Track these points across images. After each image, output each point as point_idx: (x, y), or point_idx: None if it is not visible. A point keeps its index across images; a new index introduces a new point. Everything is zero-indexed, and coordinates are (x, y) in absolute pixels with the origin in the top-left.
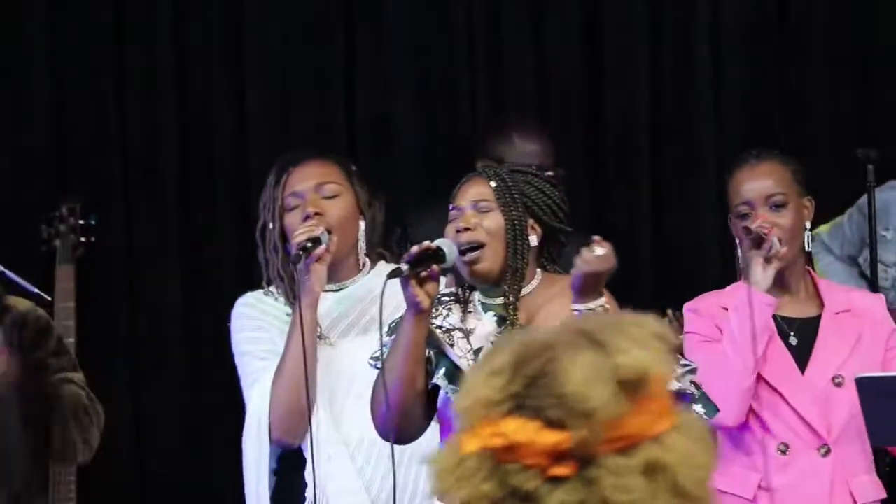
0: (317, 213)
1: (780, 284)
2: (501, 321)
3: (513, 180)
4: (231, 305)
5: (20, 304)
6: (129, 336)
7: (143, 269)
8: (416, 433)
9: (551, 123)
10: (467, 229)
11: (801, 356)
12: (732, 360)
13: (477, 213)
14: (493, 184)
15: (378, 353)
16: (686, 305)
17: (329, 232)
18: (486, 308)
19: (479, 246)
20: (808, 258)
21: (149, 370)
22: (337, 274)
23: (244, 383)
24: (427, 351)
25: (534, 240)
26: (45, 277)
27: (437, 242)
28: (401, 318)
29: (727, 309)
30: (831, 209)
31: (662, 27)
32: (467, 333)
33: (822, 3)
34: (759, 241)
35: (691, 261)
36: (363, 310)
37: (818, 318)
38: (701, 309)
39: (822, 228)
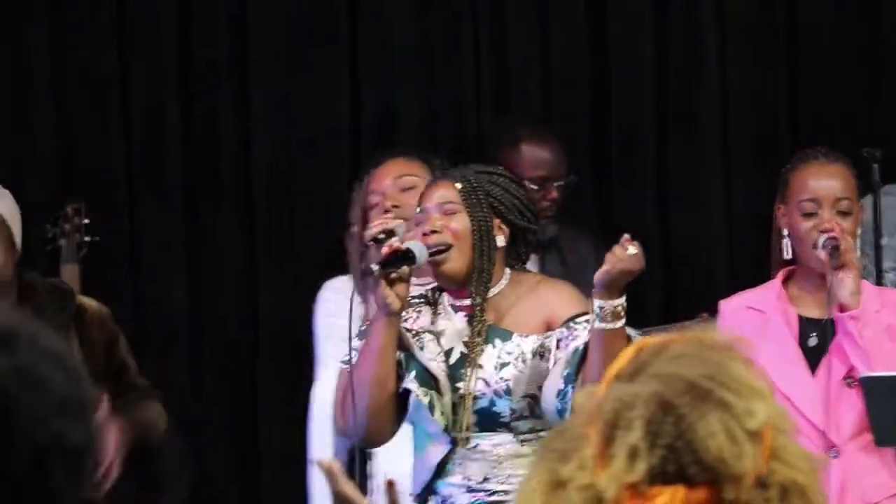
0: (394, 206)
1: (819, 286)
2: (471, 320)
3: (478, 181)
4: (235, 304)
5: (91, 302)
6: (135, 334)
7: (147, 267)
8: (386, 436)
9: (556, 123)
10: (434, 232)
11: (817, 358)
12: None
13: (443, 216)
14: (458, 185)
15: (348, 357)
16: (720, 302)
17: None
18: (455, 309)
19: (447, 248)
20: None
21: (154, 369)
22: (417, 273)
23: (316, 368)
24: (398, 354)
25: (501, 240)
26: (50, 276)
27: (408, 244)
28: (369, 321)
29: (754, 309)
30: None
31: (668, 26)
32: (437, 335)
33: (829, 1)
34: (841, 264)
35: (699, 260)
36: None
37: None
38: (726, 312)
39: None
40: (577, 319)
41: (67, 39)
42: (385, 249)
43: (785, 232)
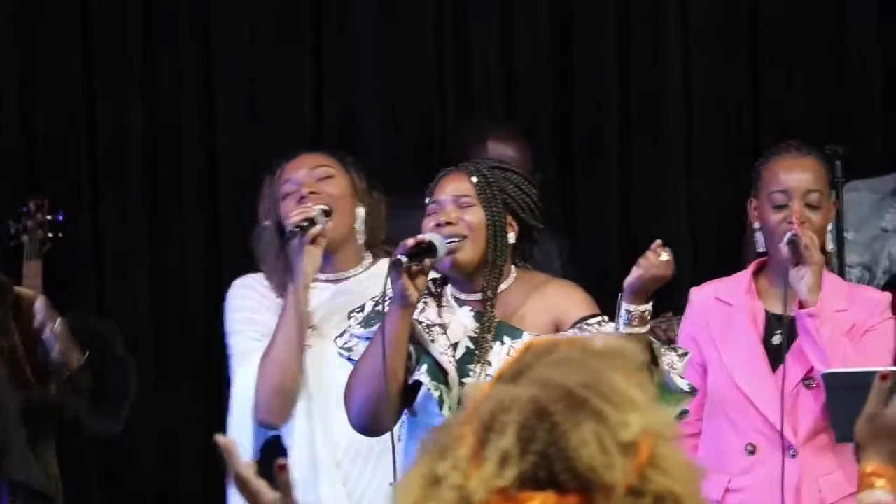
0: (312, 192)
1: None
2: (479, 316)
3: (493, 176)
4: (198, 303)
5: (26, 291)
6: None
7: (110, 265)
8: (389, 426)
9: (519, 122)
10: (449, 223)
11: (780, 356)
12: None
13: (458, 208)
14: (474, 179)
15: (350, 344)
16: (692, 290)
17: (327, 215)
18: (460, 303)
19: (461, 238)
20: (827, 259)
21: None
22: (335, 263)
23: (233, 362)
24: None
25: (512, 237)
26: (12, 273)
27: (427, 236)
28: (375, 310)
29: (723, 301)
30: None
31: (632, 25)
32: (445, 328)
33: (793, 1)
34: (801, 260)
35: None
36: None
37: None
38: (696, 302)
39: None
40: (589, 321)
41: (34, 39)
42: (411, 241)
43: (756, 225)
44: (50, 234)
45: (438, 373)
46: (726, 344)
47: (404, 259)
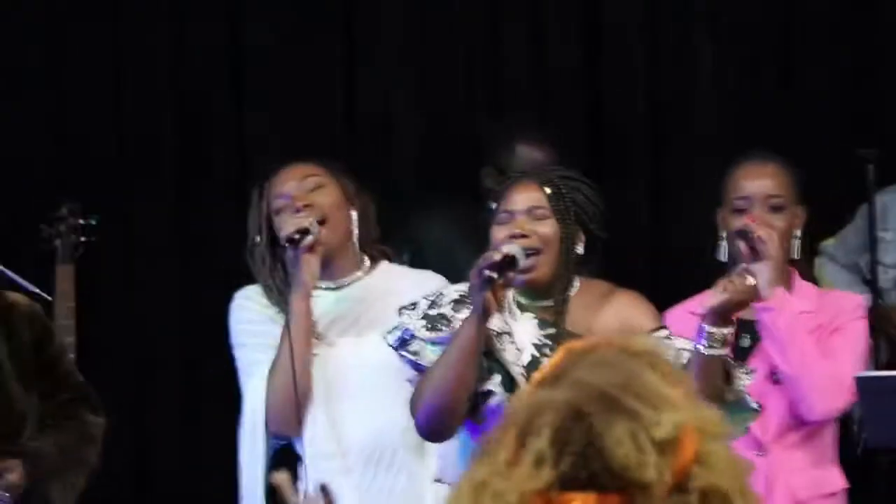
0: (306, 206)
1: None
2: (543, 324)
3: (566, 188)
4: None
5: (21, 299)
6: (129, 335)
7: (142, 269)
8: (453, 433)
9: (549, 126)
10: (524, 236)
11: (749, 358)
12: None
13: (531, 220)
14: (548, 191)
15: (415, 348)
16: (665, 312)
17: (321, 224)
18: (523, 309)
19: (536, 252)
20: (803, 266)
21: (148, 370)
22: (334, 270)
23: (242, 375)
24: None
25: (580, 248)
26: (44, 277)
27: (510, 249)
28: (440, 314)
29: (693, 313)
30: (833, 210)
31: (660, 23)
32: (511, 337)
33: (825, 1)
34: (755, 249)
35: (689, 263)
36: (364, 310)
37: None
38: (668, 320)
39: (829, 241)
40: (658, 334)
41: (61, 37)
42: (498, 256)
43: (723, 234)
44: (83, 239)
45: (510, 383)
46: None
47: (496, 276)
